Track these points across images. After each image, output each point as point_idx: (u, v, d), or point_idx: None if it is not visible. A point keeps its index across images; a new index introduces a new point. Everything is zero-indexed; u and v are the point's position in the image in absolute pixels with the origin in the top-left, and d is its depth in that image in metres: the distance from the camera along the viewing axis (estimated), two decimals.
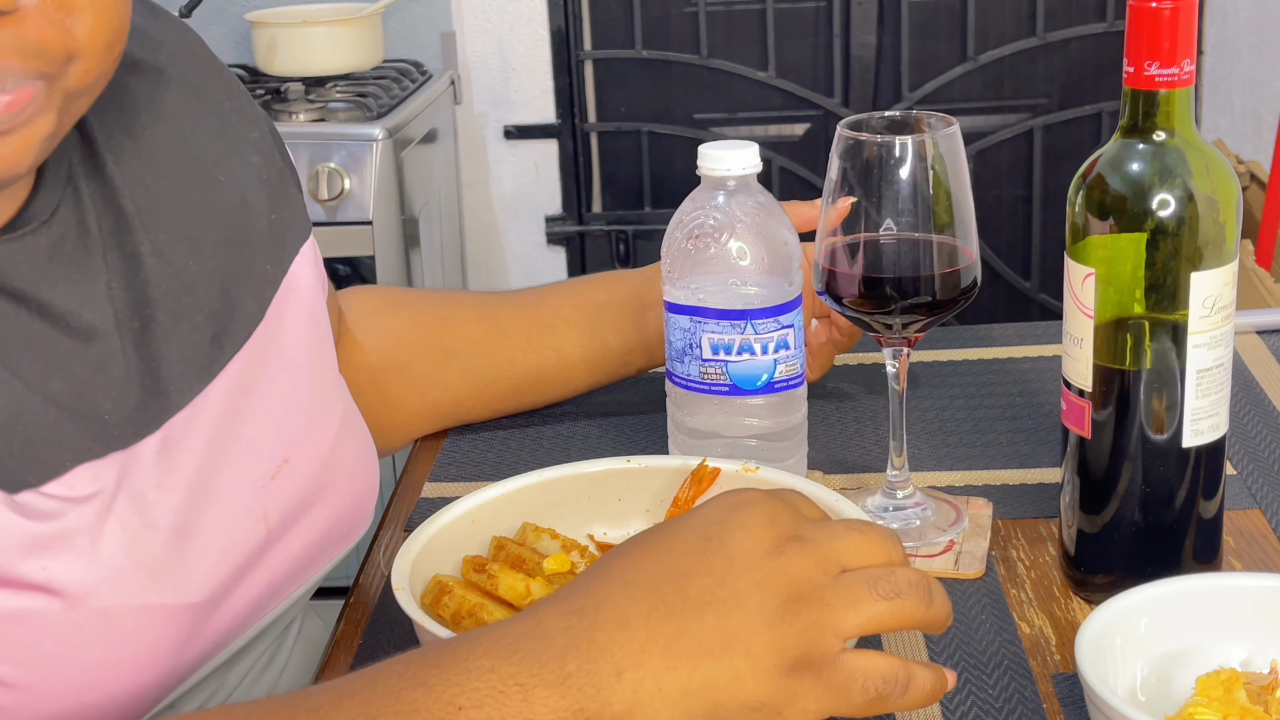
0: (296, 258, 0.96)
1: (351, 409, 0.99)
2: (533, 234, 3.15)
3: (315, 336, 0.97)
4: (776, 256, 1.01)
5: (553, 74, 3.06)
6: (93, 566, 0.77)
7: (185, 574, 0.82)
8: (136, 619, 0.79)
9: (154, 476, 0.82)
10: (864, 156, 0.94)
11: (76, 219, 0.83)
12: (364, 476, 0.98)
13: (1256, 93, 2.88)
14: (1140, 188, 0.85)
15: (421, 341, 1.17)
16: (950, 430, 1.17)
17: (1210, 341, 0.87)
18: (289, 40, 2.66)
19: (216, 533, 0.85)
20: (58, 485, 0.77)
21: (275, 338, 0.92)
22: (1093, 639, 0.79)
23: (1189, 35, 0.84)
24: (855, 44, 3.05)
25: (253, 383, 0.90)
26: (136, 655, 0.79)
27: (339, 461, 0.95)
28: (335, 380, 0.99)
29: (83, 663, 0.77)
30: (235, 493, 0.87)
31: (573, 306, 1.19)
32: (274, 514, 0.89)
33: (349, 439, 0.97)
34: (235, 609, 0.87)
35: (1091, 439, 0.90)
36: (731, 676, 0.67)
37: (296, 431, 0.92)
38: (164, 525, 0.82)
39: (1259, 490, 1.06)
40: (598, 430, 1.21)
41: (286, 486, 0.90)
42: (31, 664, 0.76)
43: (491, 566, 0.89)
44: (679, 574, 0.69)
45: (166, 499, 0.82)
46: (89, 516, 0.78)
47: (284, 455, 0.90)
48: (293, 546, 0.91)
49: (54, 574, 0.76)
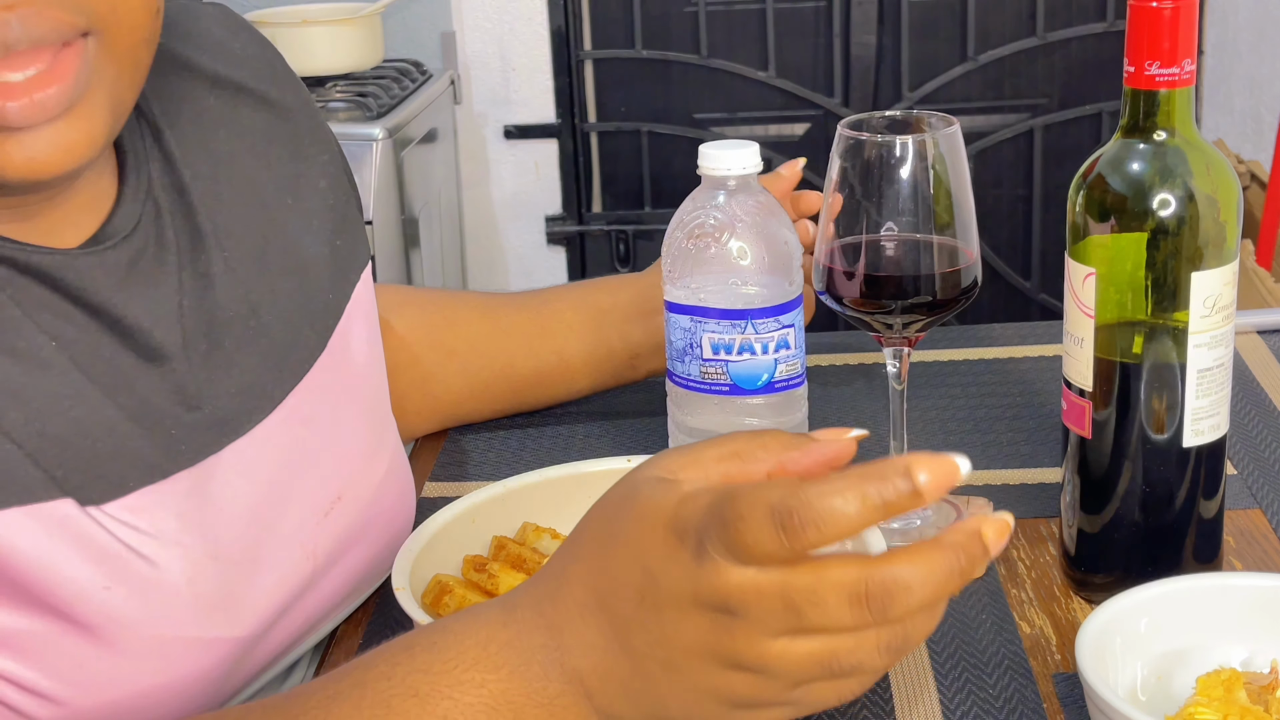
0: (359, 284, 0.96)
1: (398, 446, 0.98)
2: (533, 234, 3.15)
3: (372, 369, 0.96)
4: (777, 256, 1.01)
5: (553, 74, 3.06)
6: (154, 593, 0.77)
7: (238, 607, 0.81)
8: (189, 650, 0.78)
9: (216, 504, 0.81)
10: (864, 156, 0.94)
11: (156, 233, 0.83)
12: (404, 516, 0.97)
13: (1256, 93, 2.88)
14: (1141, 187, 0.85)
15: (424, 341, 1.17)
16: (950, 430, 1.17)
17: (1211, 341, 0.87)
18: (289, 40, 2.66)
19: (269, 566, 0.84)
20: (123, 505, 0.76)
21: (337, 369, 0.92)
22: (1093, 639, 0.79)
23: (1189, 35, 0.84)
24: (855, 44, 3.05)
25: (313, 415, 0.89)
26: (185, 685, 0.79)
27: (383, 501, 0.94)
28: (388, 417, 0.98)
29: (130, 689, 0.77)
30: (293, 527, 0.86)
31: (576, 310, 1.19)
32: (321, 551, 0.88)
33: (395, 478, 0.96)
34: (274, 645, 0.86)
35: (1092, 439, 0.90)
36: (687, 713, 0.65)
37: (351, 467, 0.91)
38: (225, 556, 0.81)
39: (1259, 490, 1.06)
40: (598, 430, 1.21)
41: (337, 524, 0.90)
42: (79, 683, 0.75)
43: (492, 566, 0.89)
44: (622, 622, 0.64)
45: (229, 529, 0.82)
46: (154, 540, 0.77)
47: (338, 492, 0.90)
48: (334, 584, 0.91)
49: (115, 595, 0.75)
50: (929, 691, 0.86)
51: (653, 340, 1.17)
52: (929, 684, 0.87)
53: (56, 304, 0.77)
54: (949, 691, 0.86)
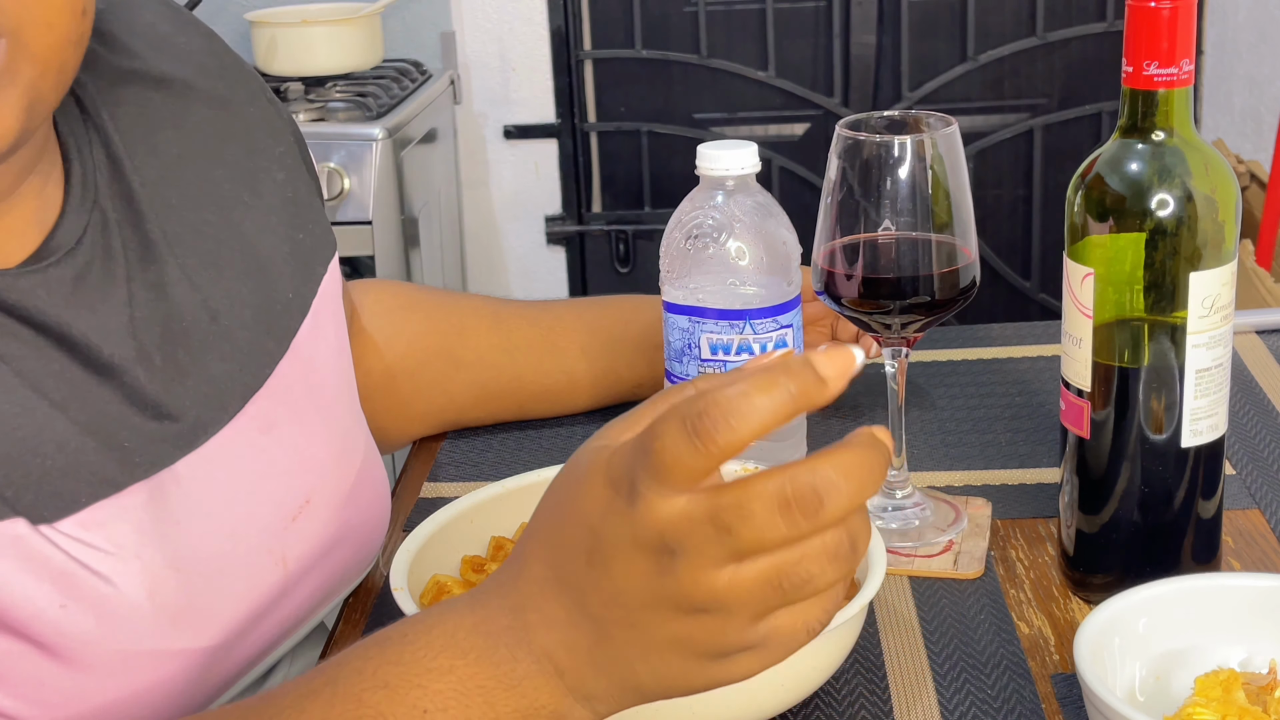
0: (325, 277, 0.94)
1: (372, 448, 0.97)
2: (533, 234, 3.15)
3: (339, 371, 0.95)
4: (775, 256, 1.01)
5: (553, 74, 3.06)
6: (112, 609, 0.76)
7: (202, 618, 0.81)
8: (152, 662, 0.78)
9: (175, 515, 0.80)
10: (863, 156, 0.94)
11: (103, 245, 0.81)
12: (379, 516, 0.96)
13: (1256, 93, 2.88)
14: (1139, 188, 0.85)
15: (432, 348, 1.16)
16: (949, 430, 1.17)
17: (1209, 341, 0.87)
18: (289, 40, 2.66)
19: (235, 575, 0.83)
20: (77, 522, 0.75)
21: (300, 373, 0.90)
22: (1091, 639, 0.79)
23: (1188, 35, 0.84)
24: (855, 44, 3.05)
25: (276, 420, 0.88)
26: (151, 697, 0.78)
27: (357, 503, 0.93)
28: (358, 417, 0.97)
29: (93, 704, 0.76)
30: (258, 534, 0.85)
31: (589, 334, 1.18)
32: (292, 557, 0.87)
33: (368, 480, 0.95)
34: (248, 651, 0.85)
35: (1090, 439, 0.90)
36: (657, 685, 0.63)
37: (319, 471, 0.90)
38: (186, 567, 0.80)
39: (1258, 490, 1.06)
40: (597, 430, 1.20)
41: (307, 528, 0.88)
42: (41, 701, 0.74)
43: (490, 566, 0.89)
44: (577, 588, 0.63)
45: (188, 540, 0.81)
46: (111, 556, 0.76)
47: (306, 496, 0.89)
48: (309, 589, 0.90)
49: (72, 613, 0.74)
50: (927, 692, 0.86)
51: (655, 374, 1.18)
52: (927, 684, 0.87)
53: (1, 322, 0.76)
54: (947, 692, 0.86)
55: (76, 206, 0.81)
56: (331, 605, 0.95)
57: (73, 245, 0.79)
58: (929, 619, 0.93)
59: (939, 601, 0.95)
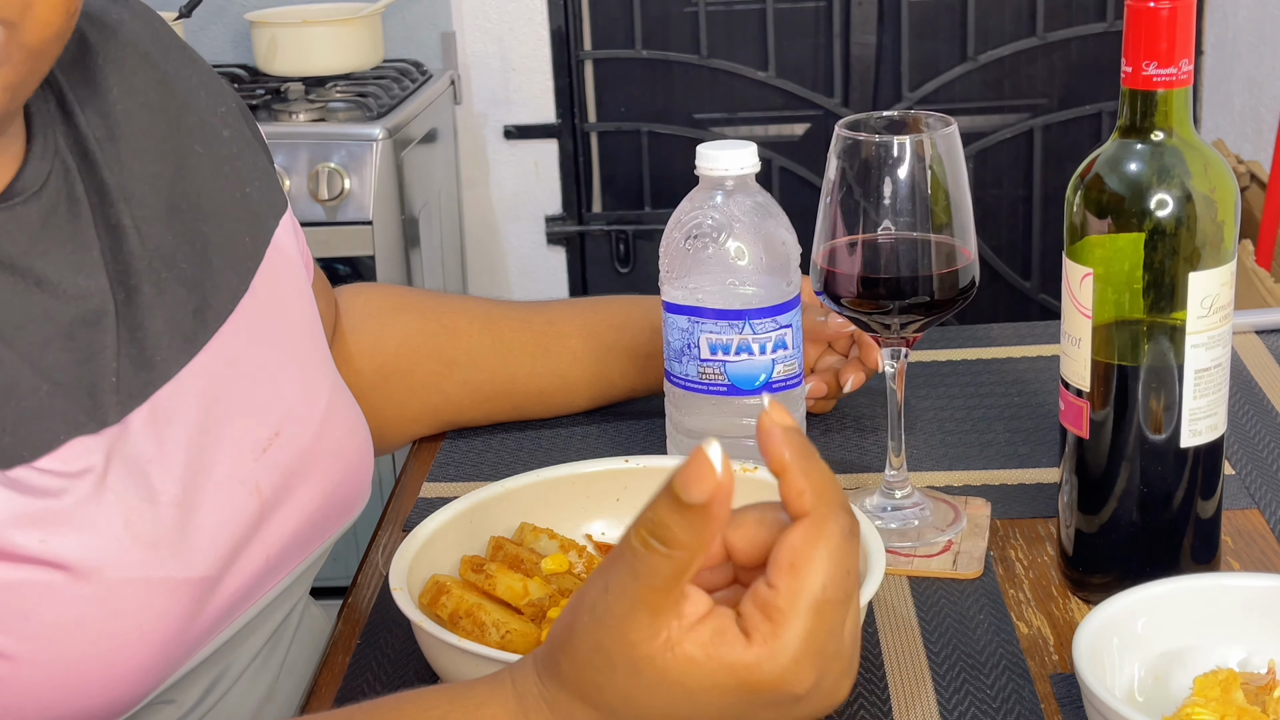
0: (277, 230, 0.97)
1: (339, 386, 0.99)
2: (533, 234, 3.14)
3: (302, 312, 0.98)
4: (774, 256, 1.01)
5: (553, 74, 3.05)
6: (92, 540, 0.78)
7: (186, 547, 0.83)
8: (140, 592, 0.80)
9: (148, 450, 0.83)
10: (862, 156, 0.95)
11: (66, 189, 0.84)
12: (356, 451, 0.98)
13: (1256, 93, 2.88)
14: (1138, 188, 0.85)
15: (423, 349, 1.17)
16: (949, 430, 1.17)
17: (1208, 341, 0.87)
18: (289, 40, 2.66)
19: (213, 506, 0.86)
20: (52, 460, 0.78)
21: (261, 311, 0.93)
22: (1090, 639, 0.79)
23: (1187, 35, 0.84)
24: (855, 44, 3.05)
25: (240, 355, 0.90)
26: (141, 629, 0.80)
27: (329, 437, 0.95)
28: (324, 357, 0.99)
29: (85, 635, 0.78)
30: (229, 465, 0.87)
31: (582, 339, 1.19)
32: (266, 486, 0.89)
33: (339, 415, 0.97)
34: (236, 584, 0.87)
35: (1089, 439, 0.90)
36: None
37: (286, 405, 0.92)
38: (163, 499, 0.83)
39: (1257, 490, 1.06)
40: (596, 430, 1.21)
41: (278, 459, 0.91)
42: (33, 635, 0.76)
43: (489, 566, 0.89)
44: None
45: (163, 472, 0.83)
46: (85, 490, 0.79)
47: (275, 428, 0.91)
48: (288, 521, 0.91)
49: (53, 547, 0.77)
50: (926, 692, 0.86)
51: (648, 381, 1.19)
52: (927, 684, 0.87)
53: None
54: (946, 692, 0.86)
55: (39, 154, 0.84)
56: (321, 546, 0.96)
57: (37, 188, 0.83)
58: (928, 619, 0.93)
59: (938, 601, 0.95)
